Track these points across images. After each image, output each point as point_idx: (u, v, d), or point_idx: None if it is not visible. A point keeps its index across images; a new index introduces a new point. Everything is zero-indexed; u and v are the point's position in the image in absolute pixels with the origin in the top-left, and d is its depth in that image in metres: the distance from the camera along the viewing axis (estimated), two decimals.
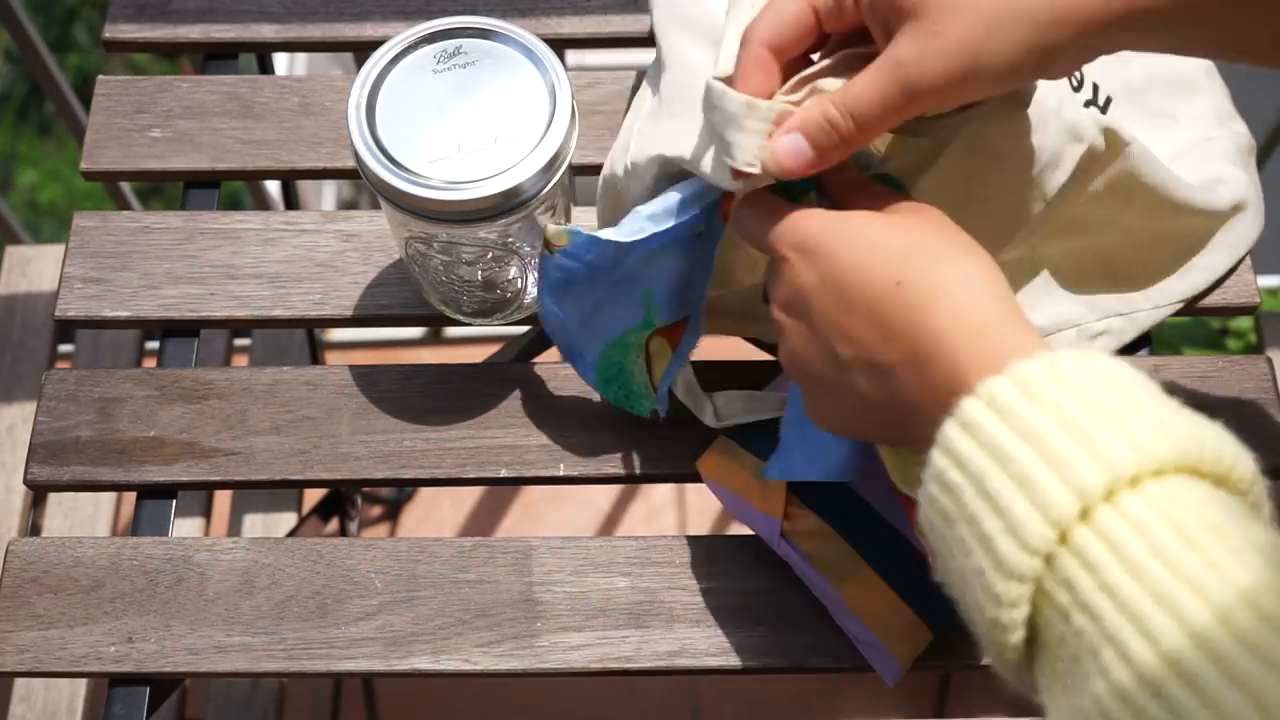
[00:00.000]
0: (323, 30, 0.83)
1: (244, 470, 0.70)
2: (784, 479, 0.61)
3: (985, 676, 0.49)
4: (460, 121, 0.62)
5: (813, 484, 0.65)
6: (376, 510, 1.51)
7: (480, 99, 0.63)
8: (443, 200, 0.60)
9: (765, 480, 0.65)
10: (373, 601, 0.67)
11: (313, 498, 1.22)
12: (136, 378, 0.73)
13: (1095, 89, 0.69)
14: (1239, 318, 1.42)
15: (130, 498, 1.04)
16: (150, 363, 1.07)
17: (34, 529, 1.08)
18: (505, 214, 0.62)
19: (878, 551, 0.63)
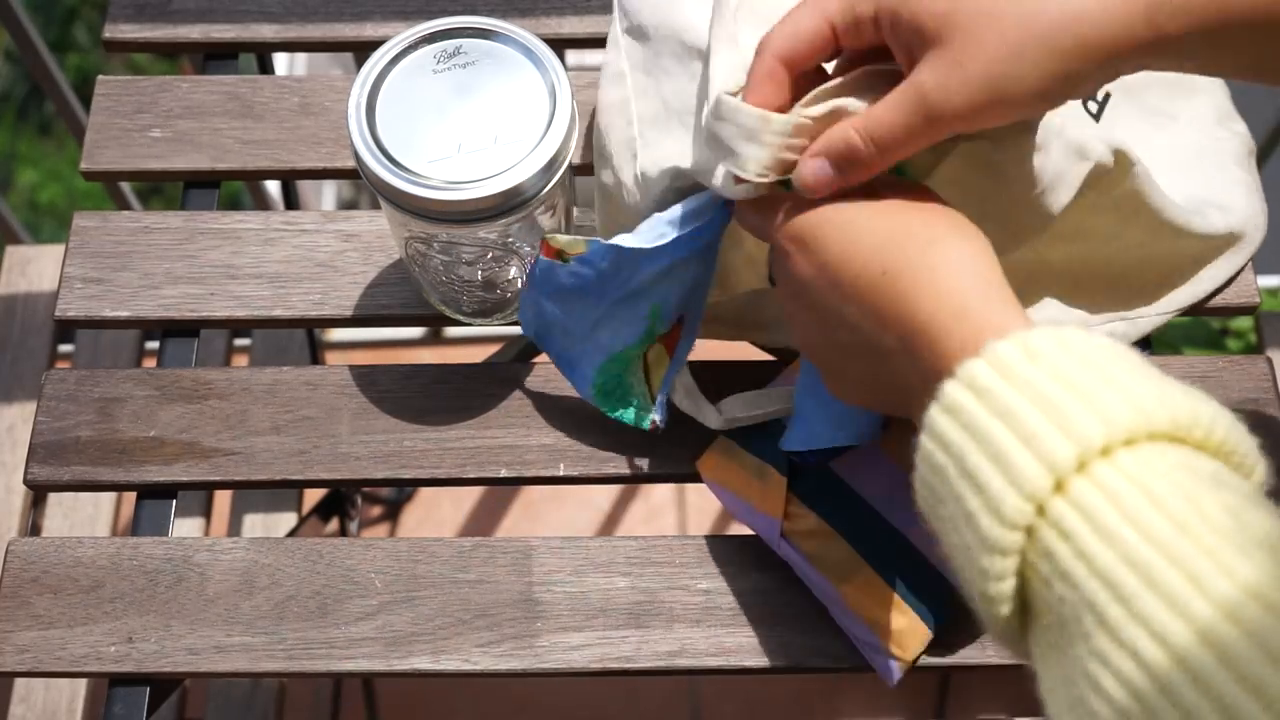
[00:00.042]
0: (323, 30, 0.83)
1: (244, 470, 0.70)
2: (804, 448, 0.61)
3: (985, 676, 0.49)
4: (460, 121, 0.62)
5: (813, 484, 0.65)
6: (376, 510, 1.51)
7: (480, 99, 0.63)
8: (443, 200, 0.60)
9: (765, 480, 0.65)
10: (373, 601, 0.67)
11: (313, 498, 1.21)
12: (136, 378, 0.73)
13: None
14: (1239, 318, 1.42)
15: (130, 498, 1.04)
16: (150, 363, 1.06)
17: (34, 529, 1.08)
18: (505, 214, 0.62)
19: (878, 551, 0.63)
